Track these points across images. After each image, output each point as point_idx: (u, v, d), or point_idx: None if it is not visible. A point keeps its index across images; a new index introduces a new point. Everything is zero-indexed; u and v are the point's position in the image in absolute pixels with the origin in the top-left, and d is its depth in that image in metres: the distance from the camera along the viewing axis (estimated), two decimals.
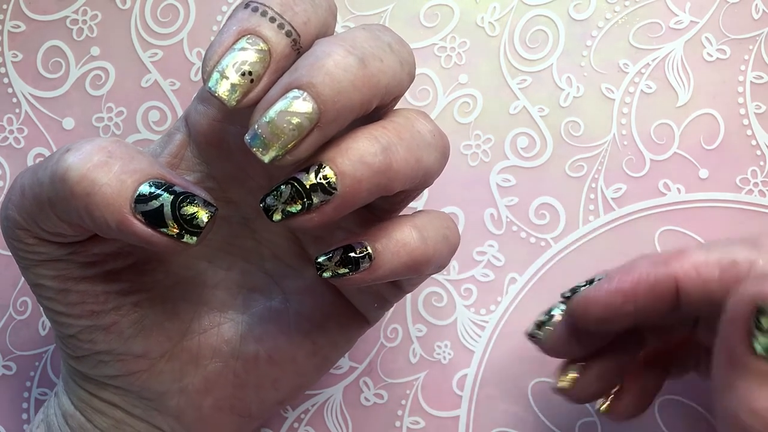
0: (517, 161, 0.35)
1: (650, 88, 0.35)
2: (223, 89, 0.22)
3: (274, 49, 0.23)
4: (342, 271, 0.24)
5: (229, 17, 0.23)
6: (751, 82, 0.35)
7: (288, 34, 0.23)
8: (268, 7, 0.23)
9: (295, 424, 0.35)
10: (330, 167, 0.22)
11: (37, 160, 0.35)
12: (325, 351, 0.30)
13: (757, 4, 0.35)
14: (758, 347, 0.23)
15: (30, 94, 0.36)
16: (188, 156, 0.27)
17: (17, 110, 0.36)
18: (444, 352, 0.35)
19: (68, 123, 0.36)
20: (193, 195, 0.23)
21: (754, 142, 0.34)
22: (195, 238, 0.23)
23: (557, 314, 0.30)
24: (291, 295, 0.29)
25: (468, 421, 0.34)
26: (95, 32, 0.36)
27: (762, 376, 0.23)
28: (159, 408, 0.29)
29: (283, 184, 0.23)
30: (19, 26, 0.36)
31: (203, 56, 0.23)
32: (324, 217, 0.23)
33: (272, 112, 0.22)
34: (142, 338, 0.27)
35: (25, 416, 0.35)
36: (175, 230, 0.23)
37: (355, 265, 0.24)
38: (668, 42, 0.35)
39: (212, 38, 0.32)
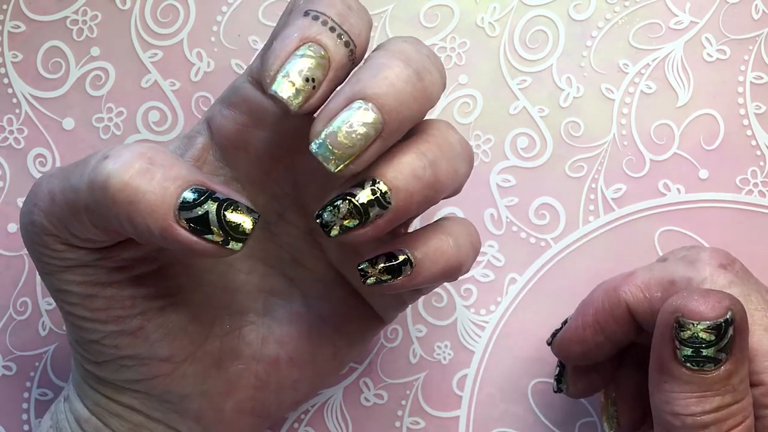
0: (517, 161, 0.35)
1: (650, 88, 0.35)
2: (287, 93, 0.23)
3: (333, 58, 0.23)
4: (385, 277, 0.25)
5: (287, 23, 0.24)
6: (751, 82, 0.35)
7: (346, 44, 0.24)
8: (329, 17, 0.23)
9: (295, 425, 0.35)
10: (384, 182, 0.23)
11: (37, 161, 0.35)
12: (344, 352, 0.30)
13: (757, 5, 0.35)
14: (680, 355, 0.25)
15: (30, 94, 0.36)
16: (210, 159, 0.27)
17: (17, 110, 0.36)
18: (444, 352, 0.35)
19: (68, 123, 0.36)
20: (237, 201, 0.23)
21: (754, 143, 0.34)
22: (240, 245, 0.23)
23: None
24: (312, 298, 0.30)
25: (468, 422, 0.34)
26: (95, 32, 0.36)
27: (683, 383, 0.25)
28: (180, 411, 0.29)
29: (338, 200, 0.23)
30: (19, 26, 0.36)
31: (262, 59, 0.24)
32: (377, 230, 0.23)
33: (339, 122, 0.22)
34: (167, 342, 0.27)
35: (24, 416, 0.35)
36: (220, 237, 0.23)
37: (397, 271, 0.25)
38: (668, 42, 0.35)
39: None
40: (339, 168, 0.23)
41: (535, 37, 0.35)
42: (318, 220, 0.24)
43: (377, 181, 0.23)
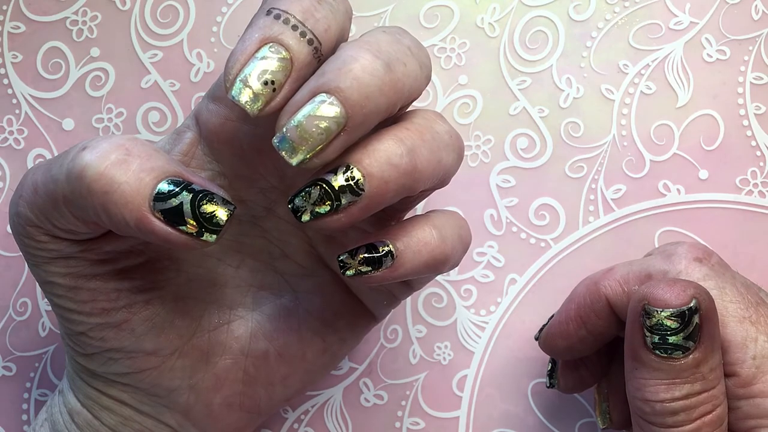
0: (517, 162, 0.35)
1: (650, 88, 0.35)
2: (245, 98, 0.23)
3: (296, 57, 0.23)
4: (365, 269, 0.24)
5: (250, 24, 0.23)
6: (750, 82, 0.35)
7: (310, 42, 0.23)
8: (290, 14, 0.23)
9: (295, 425, 0.35)
10: (358, 169, 0.23)
11: (37, 161, 0.35)
12: (334, 348, 0.30)
13: (756, 5, 0.35)
14: (649, 342, 0.26)
15: (30, 95, 0.36)
16: (199, 154, 0.27)
17: (17, 111, 0.36)
18: (444, 352, 0.35)
19: (68, 124, 0.36)
20: (212, 193, 0.23)
21: (753, 143, 0.34)
22: (214, 236, 0.23)
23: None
24: (301, 293, 0.30)
25: (468, 422, 0.34)
26: (95, 33, 0.36)
27: (653, 369, 0.26)
28: (168, 405, 0.29)
29: (311, 186, 0.23)
30: (18, 27, 0.36)
31: (225, 63, 0.24)
32: (351, 218, 0.23)
33: (300, 116, 0.22)
34: (152, 336, 0.28)
35: (25, 417, 0.35)
36: (194, 228, 0.23)
37: (378, 263, 0.24)
38: (668, 43, 0.35)
39: (235, 43, 0.33)
40: (300, 162, 0.22)
41: (535, 38, 0.35)
42: (290, 206, 0.23)
43: (351, 167, 0.23)
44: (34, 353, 0.35)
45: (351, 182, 0.23)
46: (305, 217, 0.23)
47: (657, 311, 0.25)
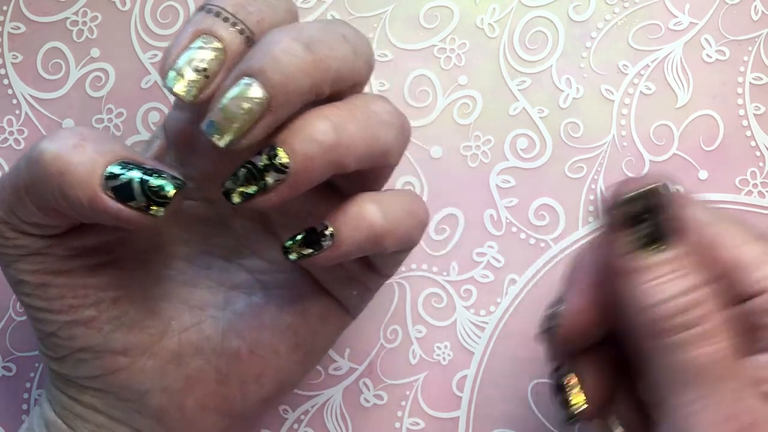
0: (517, 162, 0.35)
1: (649, 89, 0.35)
2: (180, 87, 0.24)
3: (228, 47, 0.24)
4: (306, 251, 0.25)
5: (187, 21, 0.24)
6: (750, 83, 0.35)
7: (241, 32, 0.24)
8: (222, 8, 0.24)
9: (295, 425, 0.35)
10: (281, 147, 0.23)
11: None
12: (308, 344, 0.30)
13: (756, 6, 0.35)
14: (625, 245, 0.24)
15: (30, 95, 0.36)
16: (168, 160, 0.28)
17: (17, 111, 0.36)
18: (444, 353, 0.35)
19: (68, 124, 0.36)
20: (161, 171, 0.24)
21: (753, 143, 0.34)
22: (162, 210, 0.24)
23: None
24: (271, 289, 0.30)
25: (468, 422, 0.34)
26: (95, 33, 0.36)
27: (637, 273, 0.24)
28: (140, 410, 0.29)
29: (240, 168, 0.24)
30: (19, 27, 0.36)
31: (161, 58, 0.24)
32: (281, 195, 0.24)
33: (225, 100, 0.23)
34: (121, 335, 0.28)
35: (24, 417, 0.35)
36: (143, 203, 0.24)
37: (317, 244, 0.25)
38: (667, 43, 0.35)
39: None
40: (228, 143, 0.23)
41: (535, 38, 0.35)
42: (222, 189, 0.24)
43: (275, 146, 0.23)
44: (34, 353, 0.35)
45: (274, 160, 0.23)
46: (236, 199, 0.24)
47: (620, 199, 0.24)
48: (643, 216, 0.24)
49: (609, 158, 0.35)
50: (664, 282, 0.24)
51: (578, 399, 0.28)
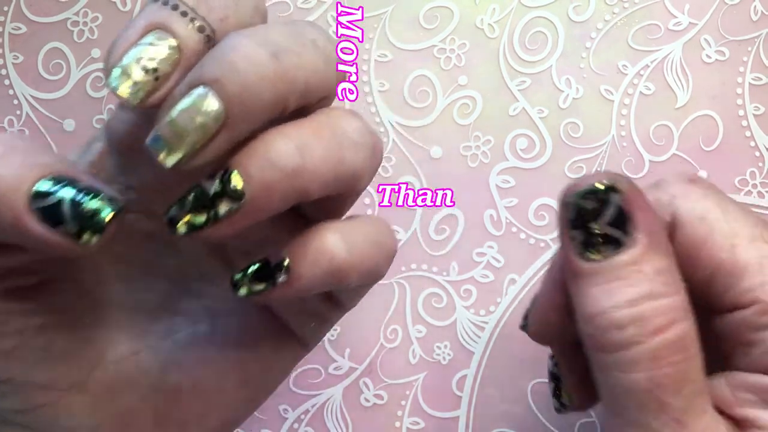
0: (517, 162, 0.35)
1: (649, 89, 0.35)
2: (124, 87, 0.20)
3: (184, 45, 0.21)
4: (258, 287, 0.22)
5: (139, 12, 0.21)
6: (749, 83, 0.35)
7: (201, 29, 0.21)
8: (181, 0, 0.21)
9: (295, 425, 0.35)
10: (237, 171, 0.20)
11: None
12: (257, 380, 0.26)
13: (755, 6, 0.35)
14: (576, 247, 0.22)
15: (31, 95, 0.36)
16: (108, 166, 0.24)
17: (18, 112, 0.36)
18: (444, 352, 0.35)
19: (69, 125, 0.36)
20: (97, 190, 0.21)
21: (752, 144, 0.34)
22: (95, 238, 0.20)
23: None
24: (218, 317, 0.26)
25: (468, 422, 0.34)
26: (96, 34, 0.36)
27: (587, 276, 0.22)
28: None
29: (188, 193, 0.21)
30: (19, 28, 0.36)
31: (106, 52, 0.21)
32: (234, 227, 0.20)
33: (174, 112, 0.20)
34: (46, 367, 0.24)
35: None
36: (74, 229, 0.20)
37: (271, 278, 0.22)
38: (667, 43, 0.35)
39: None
40: (174, 163, 0.20)
41: (535, 39, 0.35)
42: (165, 217, 0.21)
43: (229, 170, 0.20)
44: None
45: (228, 186, 0.20)
46: (181, 229, 0.20)
47: (572, 197, 0.22)
48: (598, 214, 0.22)
49: (609, 158, 0.35)
50: (611, 289, 0.22)
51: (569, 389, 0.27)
